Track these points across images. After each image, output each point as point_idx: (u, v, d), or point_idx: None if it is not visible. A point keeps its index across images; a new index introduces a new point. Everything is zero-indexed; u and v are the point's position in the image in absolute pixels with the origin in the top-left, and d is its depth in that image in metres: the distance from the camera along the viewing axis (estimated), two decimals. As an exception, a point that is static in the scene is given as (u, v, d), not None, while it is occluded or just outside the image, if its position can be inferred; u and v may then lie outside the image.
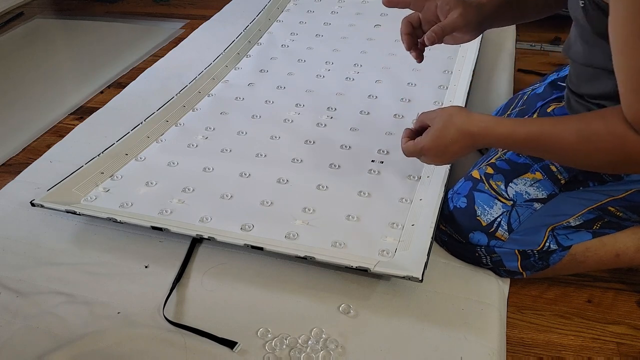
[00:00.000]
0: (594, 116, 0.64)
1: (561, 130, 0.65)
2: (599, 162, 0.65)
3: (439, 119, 0.74)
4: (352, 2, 1.61)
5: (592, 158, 0.64)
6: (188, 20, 1.89)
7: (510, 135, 0.69)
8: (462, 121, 0.72)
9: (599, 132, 0.62)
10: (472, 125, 0.72)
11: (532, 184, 0.78)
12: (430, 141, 0.74)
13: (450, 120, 0.73)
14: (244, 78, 1.27)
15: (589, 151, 0.63)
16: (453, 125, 0.72)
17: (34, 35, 1.85)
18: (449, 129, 0.73)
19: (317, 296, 0.75)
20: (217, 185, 0.93)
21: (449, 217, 0.81)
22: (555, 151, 0.67)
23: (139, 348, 0.68)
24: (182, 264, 0.80)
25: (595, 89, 0.71)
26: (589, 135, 0.62)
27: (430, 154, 0.76)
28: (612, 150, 0.61)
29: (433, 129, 0.74)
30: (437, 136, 0.74)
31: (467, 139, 0.72)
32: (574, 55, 0.74)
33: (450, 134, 0.73)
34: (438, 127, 0.74)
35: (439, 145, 0.74)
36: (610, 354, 0.76)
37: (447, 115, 0.74)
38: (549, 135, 0.66)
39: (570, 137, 0.64)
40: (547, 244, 0.77)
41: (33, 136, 1.27)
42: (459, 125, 0.72)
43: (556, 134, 0.65)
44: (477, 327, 0.71)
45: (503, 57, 1.35)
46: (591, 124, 0.63)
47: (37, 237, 0.86)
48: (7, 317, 0.73)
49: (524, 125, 0.68)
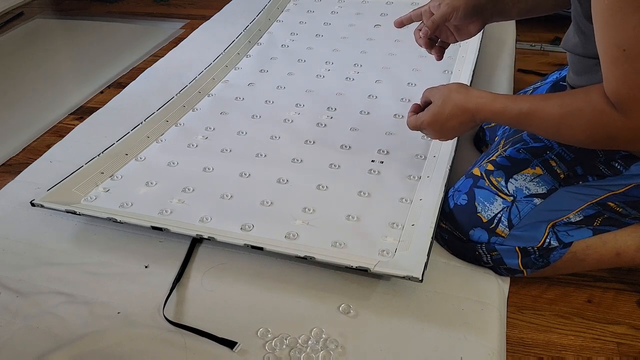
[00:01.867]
0: (578, 92, 0.66)
1: (548, 106, 0.68)
2: (581, 137, 0.67)
3: (439, 94, 0.78)
4: (352, 2, 1.61)
5: (575, 132, 0.66)
6: (188, 20, 1.90)
7: (503, 111, 0.72)
8: (460, 97, 0.76)
9: (581, 106, 0.64)
10: (468, 101, 0.75)
11: (532, 179, 0.78)
12: (429, 116, 0.78)
13: (449, 96, 0.77)
14: (244, 78, 1.27)
15: (571, 125, 0.66)
16: (451, 101, 0.76)
17: (34, 35, 1.85)
18: (447, 105, 0.76)
19: (317, 296, 0.75)
20: (217, 185, 0.93)
21: (449, 214, 0.81)
22: (542, 126, 0.70)
23: (139, 348, 0.68)
24: (182, 264, 0.80)
25: (591, 82, 0.71)
26: (573, 110, 0.65)
27: (430, 128, 0.79)
28: (593, 125, 0.64)
29: (433, 104, 0.78)
30: (436, 112, 0.77)
31: (464, 114, 0.76)
32: (572, 48, 0.75)
33: (448, 110, 0.76)
34: (437, 103, 0.78)
35: (438, 121, 0.78)
36: (610, 354, 0.76)
37: (447, 91, 0.77)
38: (537, 112, 0.69)
39: (556, 113, 0.67)
40: (548, 240, 0.77)
41: (33, 136, 1.27)
42: (457, 101, 0.76)
43: (543, 110, 0.68)
44: (477, 327, 0.71)
45: (503, 57, 1.35)
46: (575, 99, 0.65)
47: (37, 237, 0.86)
48: (7, 317, 0.73)
49: (516, 102, 0.71)
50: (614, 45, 0.58)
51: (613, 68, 0.59)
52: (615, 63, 0.59)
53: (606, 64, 0.60)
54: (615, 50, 0.58)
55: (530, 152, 0.80)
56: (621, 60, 0.58)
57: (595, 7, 0.59)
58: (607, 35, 0.58)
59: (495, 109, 0.73)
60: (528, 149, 0.80)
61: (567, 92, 0.69)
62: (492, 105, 0.73)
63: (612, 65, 0.59)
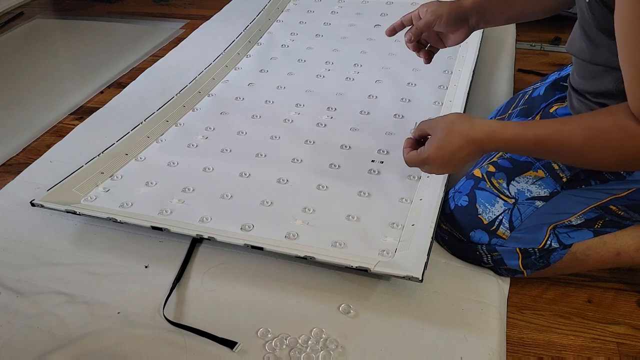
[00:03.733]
0: (601, 114, 0.63)
1: (569, 130, 0.64)
2: (608, 160, 0.64)
3: (440, 127, 0.72)
4: (352, 2, 1.61)
5: (601, 156, 0.63)
6: (188, 20, 1.89)
7: (516, 139, 0.68)
8: (466, 128, 0.71)
9: (608, 129, 0.61)
10: (475, 131, 0.70)
11: (534, 182, 0.78)
12: (434, 150, 0.72)
13: (452, 127, 0.71)
14: (244, 78, 1.27)
15: (597, 150, 0.63)
16: (456, 132, 0.71)
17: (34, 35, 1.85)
18: (453, 137, 0.71)
19: (317, 296, 0.75)
20: (217, 185, 0.93)
21: (450, 215, 0.81)
22: (563, 153, 0.66)
23: (139, 348, 0.68)
24: (182, 264, 0.80)
25: (597, 87, 0.71)
26: (598, 134, 0.62)
27: (435, 163, 0.74)
28: (622, 147, 0.61)
29: (436, 137, 0.72)
30: (441, 145, 0.72)
31: (472, 145, 0.70)
32: (578, 53, 0.74)
33: (454, 142, 0.71)
34: (441, 136, 0.72)
35: (444, 155, 0.72)
36: (610, 354, 0.76)
37: (449, 122, 0.72)
38: (556, 137, 0.65)
39: (579, 137, 0.63)
40: (549, 242, 0.77)
41: (33, 136, 1.27)
42: (463, 132, 0.70)
43: (564, 135, 0.64)
44: (477, 327, 0.71)
45: (503, 57, 1.35)
46: (599, 121, 0.62)
47: (37, 237, 0.86)
48: (7, 317, 0.73)
49: (530, 128, 0.67)
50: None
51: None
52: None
53: (633, 85, 0.58)
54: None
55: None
56: None
57: (622, 27, 0.57)
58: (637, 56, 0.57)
59: (507, 136, 0.68)
60: None
61: (588, 114, 0.66)
62: (502, 134, 0.68)
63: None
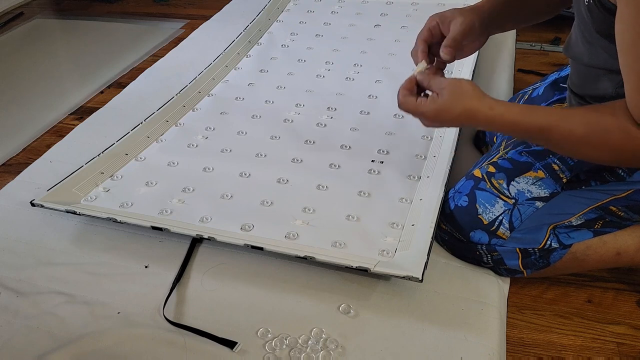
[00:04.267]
0: (603, 110, 0.64)
1: (570, 122, 0.65)
2: (606, 157, 0.65)
3: (448, 91, 0.70)
4: (352, 2, 1.61)
5: (598, 152, 0.64)
6: (188, 20, 1.89)
7: (518, 123, 0.67)
8: (473, 104, 0.69)
9: (609, 127, 0.62)
10: (480, 111, 0.69)
11: (534, 183, 0.78)
12: (433, 112, 0.71)
13: (461, 97, 0.70)
14: (244, 78, 1.27)
15: (596, 145, 0.64)
16: (462, 103, 0.69)
17: (34, 35, 1.85)
18: (457, 106, 0.70)
19: (317, 296, 0.75)
20: (217, 185, 0.93)
21: (450, 216, 0.81)
22: (561, 143, 0.67)
23: (139, 348, 0.68)
24: (182, 264, 0.80)
25: (596, 91, 0.71)
26: (598, 131, 0.63)
27: (428, 120, 0.73)
28: (620, 147, 0.62)
29: (441, 100, 0.71)
30: (443, 109, 0.70)
31: (471, 119, 0.70)
32: (576, 56, 0.74)
33: (456, 111, 0.70)
34: (446, 99, 0.70)
35: (441, 118, 0.71)
36: (610, 354, 0.76)
37: (459, 89, 0.70)
38: (557, 126, 0.65)
39: (579, 130, 0.64)
40: (549, 242, 0.77)
41: (33, 136, 1.27)
42: (468, 106, 0.69)
43: (564, 126, 0.65)
44: (477, 327, 0.71)
45: (503, 57, 1.35)
46: (600, 118, 0.63)
47: (37, 237, 0.86)
48: (7, 317, 0.73)
49: (533, 114, 0.67)
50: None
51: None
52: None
53: (634, 90, 0.59)
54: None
55: (532, 155, 0.80)
56: None
57: (625, 31, 0.58)
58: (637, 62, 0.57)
59: (509, 120, 0.68)
60: (530, 152, 0.80)
61: (590, 108, 0.66)
62: (504, 117, 0.68)
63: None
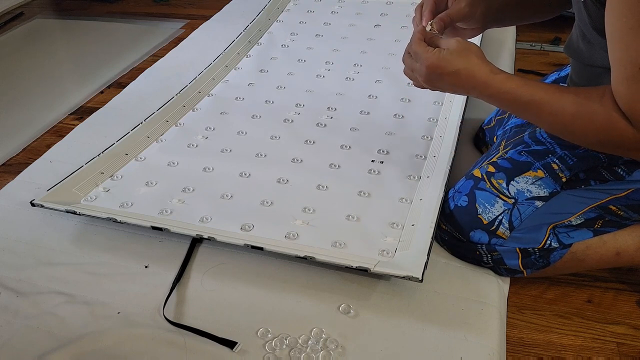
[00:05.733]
0: (594, 92, 0.64)
1: (562, 99, 0.65)
2: (592, 139, 0.66)
3: (456, 47, 0.70)
4: (352, 2, 1.61)
5: (584, 134, 0.65)
6: (188, 20, 1.89)
7: (513, 92, 0.68)
8: (476, 64, 0.69)
9: (596, 110, 0.63)
10: (482, 69, 0.69)
11: (534, 182, 0.78)
12: (436, 59, 0.70)
13: (466, 54, 0.70)
14: (244, 78, 1.27)
15: (582, 126, 0.65)
16: (466, 60, 0.69)
17: (34, 35, 1.85)
18: (460, 61, 0.69)
19: (317, 296, 0.75)
20: (217, 185, 0.93)
21: (449, 216, 0.81)
22: (551, 120, 0.67)
23: (139, 348, 0.68)
24: (182, 264, 0.80)
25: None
26: (587, 111, 0.64)
27: (426, 71, 0.72)
28: (604, 131, 0.63)
29: (446, 52, 0.70)
30: (445, 60, 0.70)
31: (469, 81, 0.70)
32: (576, 55, 0.74)
33: (457, 65, 0.69)
34: (452, 52, 0.70)
35: (441, 70, 0.70)
36: (610, 354, 0.76)
37: (466, 48, 0.70)
38: (549, 102, 0.66)
39: (569, 109, 0.65)
40: (548, 242, 0.77)
41: (33, 136, 1.27)
42: (470, 65, 0.69)
43: (555, 102, 0.65)
44: (477, 327, 0.71)
45: (503, 57, 1.35)
46: (590, 99, 0.64)
47: (37, 237, 0.86)
48: (7, 317, 0.73)
49: (530, 87, 0.67)
50: (630, 63, 0.58)
51: (628, 84, 0.59)
52: (631, 79, 0.58)
53: (619, 78, 0.60)
54: (631, 68, 0.58)
55: (532, 154, 0.80)
56: (637, 77, 0.58)
57: (612, 25, 0.59)
58: (624, 53, 0.58)
59: (505, 88, 0.68)
60: (530, 152, 0.80)
61: (583, 89, 0.66)
62: (503, 84, 0.68)
63: (627, 81, 0.59)
